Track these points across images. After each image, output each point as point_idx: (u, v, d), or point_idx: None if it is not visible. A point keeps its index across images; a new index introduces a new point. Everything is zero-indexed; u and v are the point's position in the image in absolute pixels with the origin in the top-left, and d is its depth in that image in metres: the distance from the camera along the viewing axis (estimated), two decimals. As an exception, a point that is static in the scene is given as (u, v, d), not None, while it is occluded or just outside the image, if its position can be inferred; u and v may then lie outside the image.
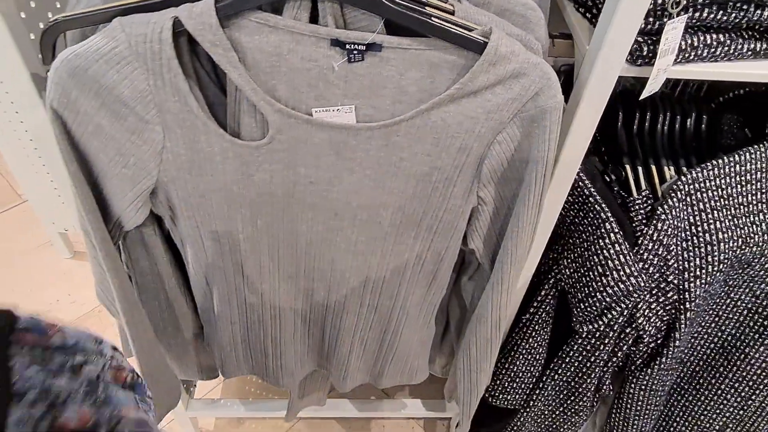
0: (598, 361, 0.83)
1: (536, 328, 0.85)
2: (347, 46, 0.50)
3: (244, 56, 0.50)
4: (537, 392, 0.92)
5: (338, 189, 0.60)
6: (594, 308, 0.74)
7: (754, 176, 0.76)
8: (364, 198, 0.61)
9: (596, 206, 0.72)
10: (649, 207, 0.77)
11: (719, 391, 0.90)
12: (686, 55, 0.59)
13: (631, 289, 0.70)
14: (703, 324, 0.87)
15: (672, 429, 0.97)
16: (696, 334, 0.88)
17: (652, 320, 0.79)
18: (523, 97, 0.52)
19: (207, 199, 0.59)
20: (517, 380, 0.92)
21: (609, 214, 0.72)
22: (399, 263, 0.67)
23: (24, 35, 0.57)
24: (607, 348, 0.81)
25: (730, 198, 0.76)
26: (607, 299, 0.72)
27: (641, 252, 0.74)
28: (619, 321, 0.78)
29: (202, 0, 0.47)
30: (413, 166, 0.58)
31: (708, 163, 0.75)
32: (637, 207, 0.76)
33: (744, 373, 0.87)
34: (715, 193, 0.75)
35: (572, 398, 0.91)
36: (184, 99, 0.51)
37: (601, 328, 0.78)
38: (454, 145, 0.56)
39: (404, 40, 0.50)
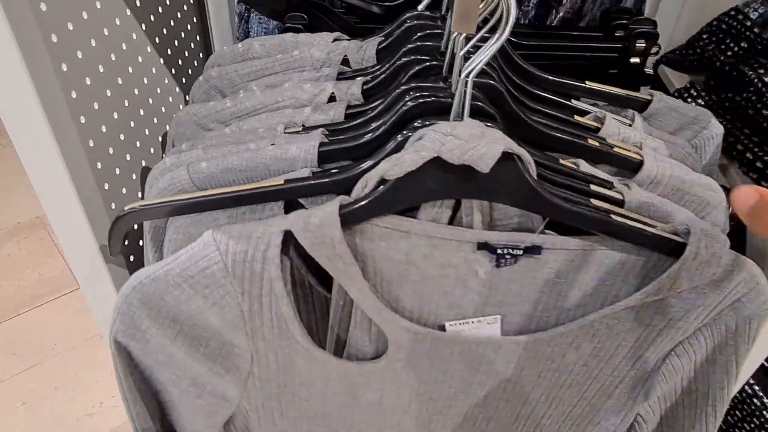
0: None
1: None
2: (498, 251, 0.39)
3: (365, 266, 0.39)
4: None
5: (462, 404, 0.47)
6: None
7: None
8: (493, 411, 0.48)
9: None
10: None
11: None
12: None
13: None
14: None
15: None
16: None
17: None
18: (719, 305, 0.40)
19: (296, 426, 0.46)
20: None
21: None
22: (530, 485, 0.53)
23: (101, 211, 0.48)
24: None
25: None
26: None
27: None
28: None
29: (320, 207, 0.36)
30: (561, 377, 0.45)
31: None
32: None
33: None
34: None
35: None
36: (285, 326, 0.39)
37: None
38: (620, 355, 0.44)
39: (569, 240, 0.39)
